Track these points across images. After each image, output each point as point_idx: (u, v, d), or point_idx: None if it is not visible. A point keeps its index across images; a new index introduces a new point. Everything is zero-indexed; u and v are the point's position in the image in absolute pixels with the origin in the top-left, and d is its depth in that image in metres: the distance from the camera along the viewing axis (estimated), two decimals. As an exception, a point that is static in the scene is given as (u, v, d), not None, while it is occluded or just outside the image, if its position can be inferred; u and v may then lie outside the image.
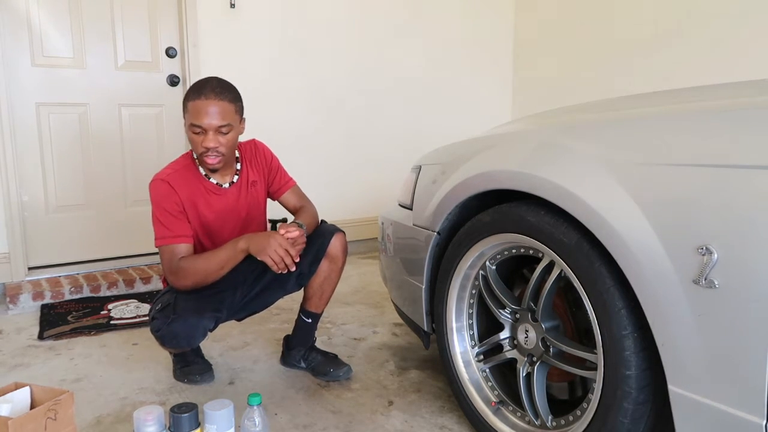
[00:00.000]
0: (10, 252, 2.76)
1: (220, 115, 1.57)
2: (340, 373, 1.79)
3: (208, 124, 1.56)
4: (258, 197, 1.80)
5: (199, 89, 1.59)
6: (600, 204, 1.02)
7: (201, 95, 1.57)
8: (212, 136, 1.58)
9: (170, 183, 1.64)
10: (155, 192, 1.64)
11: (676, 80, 3.14)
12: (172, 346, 1.68)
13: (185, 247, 1.63)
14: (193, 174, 1.70)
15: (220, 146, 1.60)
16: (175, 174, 1.67)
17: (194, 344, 1.70)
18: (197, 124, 1.57)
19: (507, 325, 1.41)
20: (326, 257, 1.75)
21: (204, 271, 1.59)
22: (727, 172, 0.85)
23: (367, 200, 3.71)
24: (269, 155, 1.83)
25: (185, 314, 1.59)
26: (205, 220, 1.69)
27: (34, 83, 2.82)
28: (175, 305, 1.63)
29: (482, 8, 4.11)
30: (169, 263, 1.62)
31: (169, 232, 1.62)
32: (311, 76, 3.48)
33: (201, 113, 1.56)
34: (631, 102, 1.32)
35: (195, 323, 1.59)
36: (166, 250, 1.62)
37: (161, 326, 1.62)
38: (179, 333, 1.61)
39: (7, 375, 1.88)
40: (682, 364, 0.91)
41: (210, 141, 1.58)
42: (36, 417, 1.18)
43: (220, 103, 1.57)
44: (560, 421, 1.24)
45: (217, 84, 1.60)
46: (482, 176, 1.35)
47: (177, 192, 1.64)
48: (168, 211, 1.62)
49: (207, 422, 1.24)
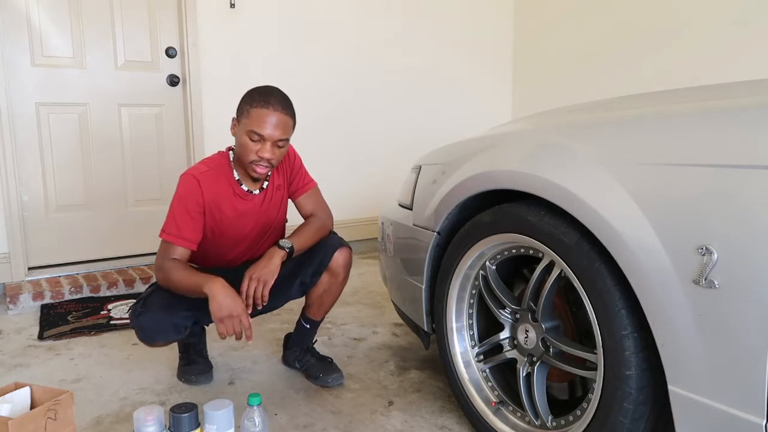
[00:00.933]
0: (10, 252, 2.76)
1: (282, 128, 1.56)
2: (329, 380, 1.77)
3: (270, 134, 1.54)
4: (280, 201, 1.78)
5: (267, 97, 1.56)
6: (600, 204, 1.02)
7: (269, 105, 1.54)
8: (270, 147, 1.56)
9: (200, 182, 1.61)
10: (183, 186, 1.61)
11: (676, 80, 3.14)
12: (144, 340, 1.65)
13: (182, 251, 1.61)
14: (226, 176, 1.66)
15: (274, 158, 1.58)
16: (208, 173, 1.64)
17: (167, 339, 1.66)
18: (259, 133, 1.54)
19: (507, 325, 1.41)
20: (327, 271, 1.72)
21: (174, 284, 1.56)
22: (727, 172, 0.85)
23: (366, 200, 3.71)
24: (293, 155, 1.80)
25: (153, 309, 1.59)
26: (221, 218, 1.67)
27: (34, 83, 2.82)
28: (147, 299, 1.63)
29: (482, 7, 4.11)
30: (161, 258, 1.61)
31: (177, 230, 1.60)
32: (311, 75, 3.48)
33: (265, 123, 1.53)
34: (631, 102, 1.32)
35: (162, 319, 1.59)
36: (165, 246, 1.62)
37: (132, 317, 1.63)
38: (146, 327, 1.60)
39: (7, 375, 1.88)
40: (683, 364, 0.91)
41: (267, 152, 1.55)
42: (36, 417, 1.18)
43: (285, 118, 1.56)
44: (560, 421, 1.24)
45: (283, 97, 1.59)
46: (482, 176, 1.35)
47: (204, 193, 1.61)
48: (186, 210, 1.60)
49: (207, 422, 1.24)
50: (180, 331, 1.65)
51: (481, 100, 4.21)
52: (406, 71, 3.83)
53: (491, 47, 4.21)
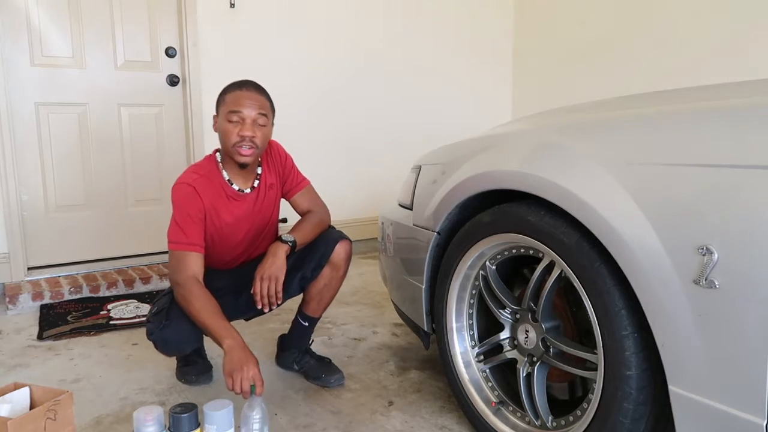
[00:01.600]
0: (10, 252, 2.76)
1: (258, 105, 1.59)
2: (331, 380, 1.77)
3: (248, 110, 1.57)
4: (273, 200, 1.78)
5: (239, 84, 1.63)
6: (600, 204, 1.02)
7: (242, 87, 1.61)
8: (250, 125, 1.58)
9: (196, 188, 1.61)
10: (180, 195, 1.60)
11: (676, 80, 3.13)
12: (164, 352, 1.68)
13: (196, 257, 1.58)
14: (217, 179, 1.66)
15: (256, 138, 1.59)
16: (200, 180, 1.63)
17: (187, 350, 1.70)
18: (236, 110, 1.57)
19: (507, 325, 1.41)
20: (329, 264, 1.72)
21: (193, 313, 1.52)
22: (727, 172, 0.85)
23: (367, 200, 3.71)
24: (284, 155, 1.80)
25: (178, 320, 1.58)
26: (221, 225, 1.67)
27: (34, 83, 2.82)
28: (170, 310, 1.61)
29: (482, 7, 4.11)
30: (177, 272, 1.56)
31: (186, 238, 1.57)
32: (310, 75, 3.48)
33: (241, 101, 1.58)
34: (631, 102, 1.32)
35: (187, 330, 1.58)
36: (178, 256, 1.57)
37: (154, 330, 1.62)
38: (171, 339, 1.61)
39: (7, 375, 1.87)
40: (683, 365, 0.91)
41: (247, 129, 1.57)
42: (35, 417, 1.18)
43: (260, 97, 1.62)
44: (560, 422, 1.24)
45: (256, 84, 1.65)
46: (482, 176, 1.35)
47: (202, 198, 1.61)
48: (190, 216, 1.59)
49: (207, 422, 1.24)
50: (200, 340, 1.66)
51: (481, 100, 4.21)
52: (406, 71, 3.83)
53: (491, 47, 4.21)
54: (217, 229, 1.66)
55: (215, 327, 1.48)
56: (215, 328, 1.48)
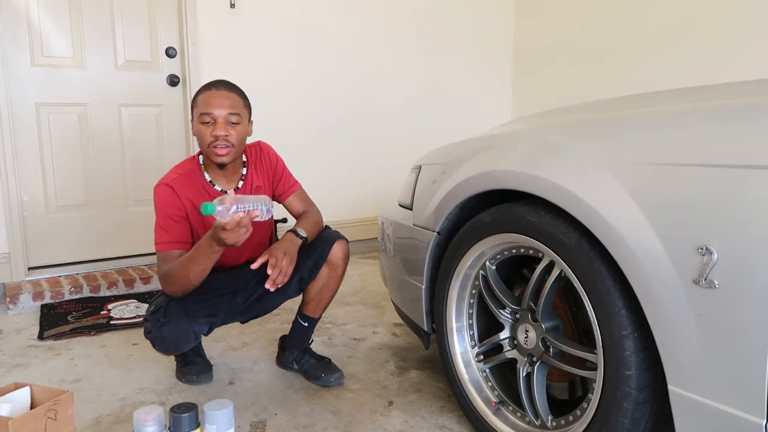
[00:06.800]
0: (10, 252, 2.76)
1: (229, 103, 1.60)
2: (332, 379, 1.78)
3: (218, 111, 1.58)
4: None
5: (209, 84, 1.64)
6: (600, 204, 1.02)
7: (212, 87, 1.62)
8: (222, 124, 1.58)
9: (174, 188, 1.63)
10: (159, 197, 1.63)
11: (676, 80, 3.14)
12: (162, 351, 1.67)
13: (180, 252, 1.60)
14: (198, 179, 1.68)
15: (230, 136, 1.59)
16: (179, 179, 1.65)
17: (184, 348, 1.69)
18: (207, 112, 1.58)
19: (507, 325, 1.41)
20: (326, 264, 1.73)
21: (179, 275, 1.53)
22: (727, 172, 0.85)
23: (367, 200, 3.71)
24: (274, 158, 1.81)
25: (176, 318, 1.58)
26: (207, 225, 1.66)
27: (34, 83, 2.82)
28: (167, 308, 1.61)
29: (482, 9, 4.11)
30: (160, 268, 1.60)
31: (168, 236, 1.60)
32: (311, 76, 3.48)
33: (211, 102, 1.58)
34: (631, 102, 1.32)
35: (185, 327, 1.58)
36: (164, 255, 1.60)
37: (152, 329, 1.62)
38: (168, 337, 1.60)
39: (7, 375, 1.88)
40: (682, 364, 0.91)
41: (220, 129, 1.58)
42: (36, 417, 1.18)
43: (231, 95, 1.62)
44: (560, 421, 1.24)
45: (227, 82, 1.66)
46: (482, 176, 1.35)
47: (180, 197, 1.63)
48: (170, 216, 1.61)
49: (207, 422, 1.24)
50: (198, 338, 1.66)
51: (481, 101, 4.21)
52: (406, 70, 3.83)
53: (491, 48, 4.21)
54: (205, 229, 1.67)
55: (191, 254, 1.51)
56: (191, 255, 1.50)
